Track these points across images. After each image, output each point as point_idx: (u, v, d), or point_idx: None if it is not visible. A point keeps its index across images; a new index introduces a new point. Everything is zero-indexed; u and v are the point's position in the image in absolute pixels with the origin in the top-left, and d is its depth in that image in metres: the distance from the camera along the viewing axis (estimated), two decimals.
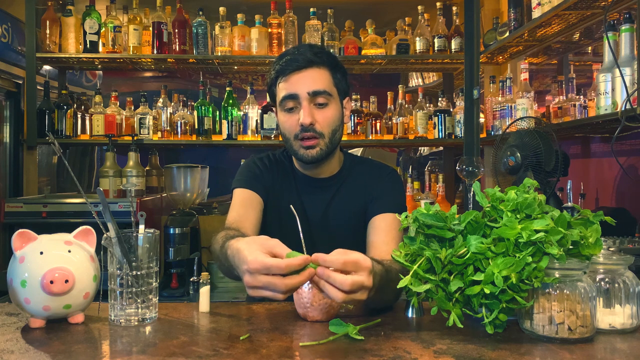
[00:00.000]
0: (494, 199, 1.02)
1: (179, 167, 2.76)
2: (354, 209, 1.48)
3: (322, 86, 1.38)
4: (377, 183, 1.51)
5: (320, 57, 1.40)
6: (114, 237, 1.07)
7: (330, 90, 1.40)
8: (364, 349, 0.93)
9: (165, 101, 3.10)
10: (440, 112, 3.05)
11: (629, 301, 1.01)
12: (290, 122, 1.40)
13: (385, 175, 1.55)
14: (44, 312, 1.04)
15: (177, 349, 0.94)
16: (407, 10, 3.28)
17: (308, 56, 1.38)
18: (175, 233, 2.59)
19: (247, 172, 1.52)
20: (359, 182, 1.51)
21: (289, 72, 1.38)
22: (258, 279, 0.93)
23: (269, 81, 1.46)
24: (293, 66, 1.38)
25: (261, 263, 0.93)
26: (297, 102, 1.38)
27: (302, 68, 1.38)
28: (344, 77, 1.46)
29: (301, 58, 1.38)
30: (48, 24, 2.93)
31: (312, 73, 1.38)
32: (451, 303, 0.98)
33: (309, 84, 1.37)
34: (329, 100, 1.40)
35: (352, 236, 1.47)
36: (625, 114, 1.66)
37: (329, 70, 1.41)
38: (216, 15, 2.98)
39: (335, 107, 1.42)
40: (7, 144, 2.96)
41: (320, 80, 1.39)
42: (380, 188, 1.50)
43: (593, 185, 2.61)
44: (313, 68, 1.38)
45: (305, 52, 1.39)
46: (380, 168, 1.57)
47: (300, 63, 1.38)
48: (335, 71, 1.43)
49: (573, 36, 2.57)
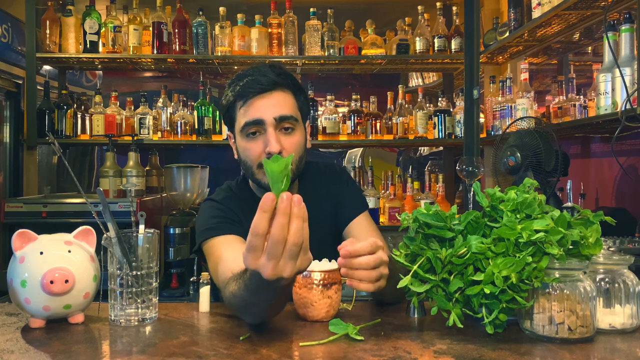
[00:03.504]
0: (494, 199, 1.02)
1: (179, 167, 2.76)
2: (322, 217, 1.44)
3: (289, 111, 1.28)
4: (335, 186, 1.49)
5: (284, 79, 1.30)
6: (114, 237, 1.07)
7: (296, 114, 1.31)
8: (364, 349, 0.93)
9: (165, 101, 3.10)
10: (440, 112, 3.05)
11: (629, 301, 1.01)
12: (254, 150, 1.28)
13: (339, 175, 1.52)
14: (44, 312, 1.05)
15: (177, 349, 0.94)
16: (407, 10, 3.29)
17: (271, 77, 1.27)
18: (175, 233, 2.59)
19: (213, 218, 1.33)
20: (318, 190, 1.48)
21: (252, 96, 1.26)
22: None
23: (225, 105, 1.33)
24: (256, 88, 1.26)
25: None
26: (262, 128, 1.26)
27: (266, 91, 1.26)
28: (306, 100, 1.38)
29: (264, 80, 1.26)
30: (48, 24, 2.93)
31: (277, 97, 1.28)
32: (451, 303, 0.98)
33: (275, 109, 1.26)
34: (295, 125, 1.30)
35: (327, 245, 1.40)
36: (625, 114, 1.66)
37: (293, 93, 1.32)
38: (216, 15, 2.98)
39: (301, 132, 1.33)
40: (7, 144, 2.96)
41: (286, 104, 1.29)
42: (341, 191, 1.48)
43: (593, 185, 2.61)
44: (277, 91, 1.28)
45: (268, 73, 1.27)
46: (330, 169, 1.53)
47: (264, 85, 1.26)
48: (299, 94, 1.34)
49: (573, 36, 2.57)
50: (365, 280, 1.01)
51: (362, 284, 1.02)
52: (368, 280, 1.01)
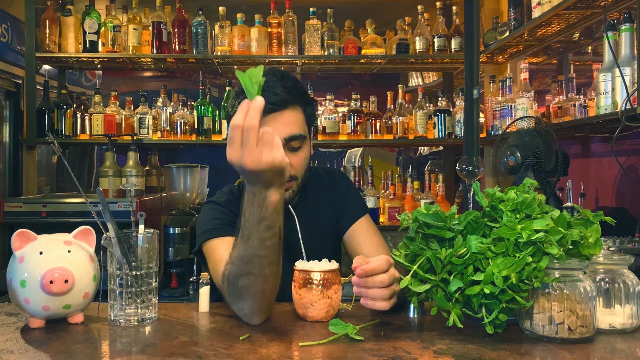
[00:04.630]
0: (494, 199, 1.02)
1: (178, 167, 2.76)
2: (323, 222, 1.46)
3: (298, 130, 1.28)
4: (336, 192, 1.50)
5: (295, 96, 1.28)
6: (113, 237, 1.07)
7: (305, 132, 1.31)
8: (364, 349, 0.93)
9: (165, 101, 3.10)
10: (440, 112, 3.05)
11: (629, 301, 1.01)
12: None
13: (339, 181, 1.53)
14: (44, 312, 1.04)
15: (177, 349, 0.94)
16: (407, 10, 3.28)
17: (282, 97, 1.25)
18: (175, 233, 2.59)
19: (214, 220, 1.34)
20: (320, 196, 1.49)
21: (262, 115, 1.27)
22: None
23: (230, 119, 1.31)
24: (267, 108, 1.22)
25: None
26: None
27: (277, 111, 1.25)
28: (314, 109, 1.37)
29: (276, 99, 1.24)
30: (48, 23, 2.93)
31: (287, 116, 1.27)
32: (451, 303, 0.98)
33: (285, 129, 1.26)
34: (303, 143, 1.31)
35: (328, 249, 1.45)
36: (626, 114, 1.66)
37: (302, 108, 1.31)
38: (216, 15, 2.98)
39: (307, 148, 1.34)
40: (7, 144, 2.96)
41: (296, 123, 1.28)
42: (341, 196, 1.50)
43: (593, 185, 2.61)
44: (288, 109, 1.27)
45: (278, 91, 1.24)
46: (331, 175, 1.54)
47: (275, 105, 1.24)
48: (307, 107, 1.33)
49: (573, 36, 2.57)
50: (379, 299, 1.02)
51: (378, 302, 1.02)
52: (382, 299, 1.02)
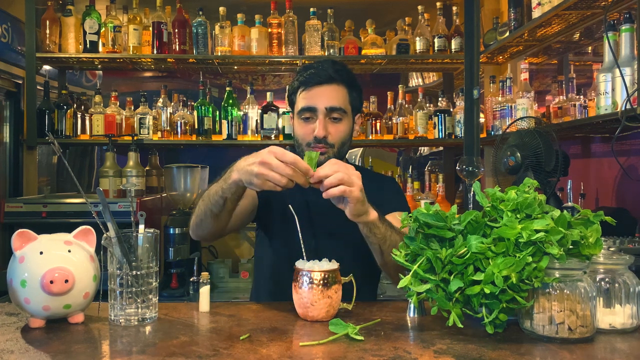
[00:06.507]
0: (494, 199, 1.02)
1: (178, 167, 2.76)
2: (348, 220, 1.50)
3: (339, 103, 1.48)
4: (379, 191, 1.56)
5: (341, 75, 1.51)
6: (114, 237, 1.07)
7: (345, 107, 1.50)
8: (364, 349, 0.93)
9: (165, 101, 3.10)
10: (440, 112, 3.05)
11: (629, 301, 1.01)
12: (305, 131, 1.50)
13: (387, 183, 1.69)
14: (44, 312, 1.04)
15: (177, 349, 0.94)
16: (407, 10, 3.28)
17: (329, 73, 1.49)
18: (175, 233, 2.59)
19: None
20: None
21: (310, 85, 1.49)
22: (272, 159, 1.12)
23: (290, 90, 1.56)
24: (315, 80, 1.48)
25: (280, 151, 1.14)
26: (314, 114, 1.48)
27: (322, 83, 1.48)
28: (359, 96, 1.56)
29: (323, 74, 1.49)
30: (48, 23, 2.92)
31: (331, 89, 1.49)
32: (451, 303, 0.98)
33: (327, 100, 1.47)
34: (343, 116, 1.50)
35: (354, 237, 1.46)
36: (626, 114, 1.66)
37: (347, 88, 1.52)
38: (216, 15, 2.98)
39: (347, 123, 1.52)
40: (7, 144, 2.96)
41: (337, 97, 1.49)
42: (383, 195, 1.56)
43: (593, 185, 2.61)
44: (332, 84, 1.49)
45: (328, 69, 1.50)
46: (381, 178, 1.72)
47: (321, 78, 1.48)
48: (352, 89, 1.53)
49: (573, 36, 2.57)
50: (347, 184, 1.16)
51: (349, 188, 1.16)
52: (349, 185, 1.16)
